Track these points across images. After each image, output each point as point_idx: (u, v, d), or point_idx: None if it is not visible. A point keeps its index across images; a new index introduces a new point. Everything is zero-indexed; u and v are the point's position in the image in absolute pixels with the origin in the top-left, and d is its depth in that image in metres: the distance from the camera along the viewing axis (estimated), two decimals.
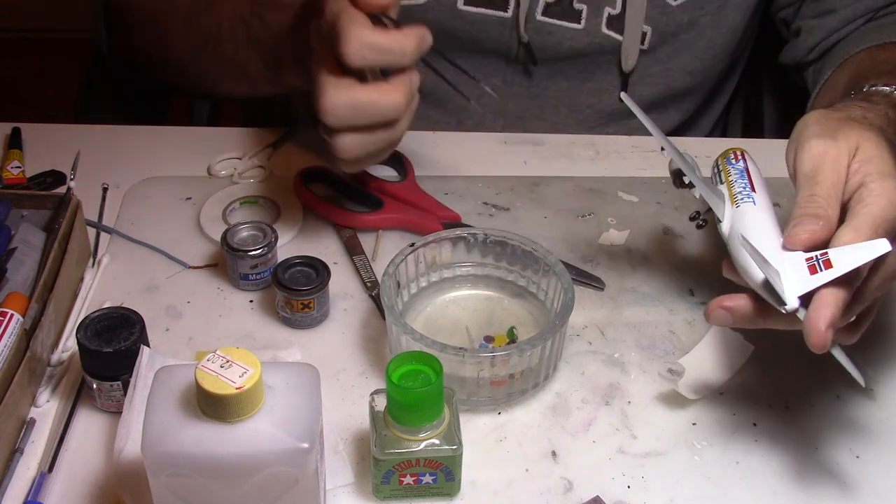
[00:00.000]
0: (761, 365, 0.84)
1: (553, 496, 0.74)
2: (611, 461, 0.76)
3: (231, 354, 0.61)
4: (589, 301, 0.89)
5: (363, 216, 0.95)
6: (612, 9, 1.06)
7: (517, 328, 0.85)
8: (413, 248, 0.84)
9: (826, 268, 0.67)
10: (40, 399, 0.79)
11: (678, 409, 0.80)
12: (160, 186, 1.00)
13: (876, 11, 1.04)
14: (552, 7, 1.05)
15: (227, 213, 0.96)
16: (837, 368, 0.84)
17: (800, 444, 0.78)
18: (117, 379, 0.76)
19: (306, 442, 0.62)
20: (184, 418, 0.61)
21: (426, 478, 0.71)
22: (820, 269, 0.67)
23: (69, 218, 0.86)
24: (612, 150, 1.08)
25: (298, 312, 0.85)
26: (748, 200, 0.77)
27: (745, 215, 0.75)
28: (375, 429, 0.71)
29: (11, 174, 0.98)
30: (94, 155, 1.03)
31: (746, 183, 0.79)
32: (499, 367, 0.77)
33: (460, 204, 0.98)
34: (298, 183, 0.97)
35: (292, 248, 0.92)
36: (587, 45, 1.07)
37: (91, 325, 0.76)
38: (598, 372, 0.83)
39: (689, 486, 0.75)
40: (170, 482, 0.63)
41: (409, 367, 0.70)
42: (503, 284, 0.88)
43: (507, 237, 0.85)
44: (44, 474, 0.73)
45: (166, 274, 0.91)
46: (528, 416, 0.80)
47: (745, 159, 0.81)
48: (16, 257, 0.85)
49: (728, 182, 0.80)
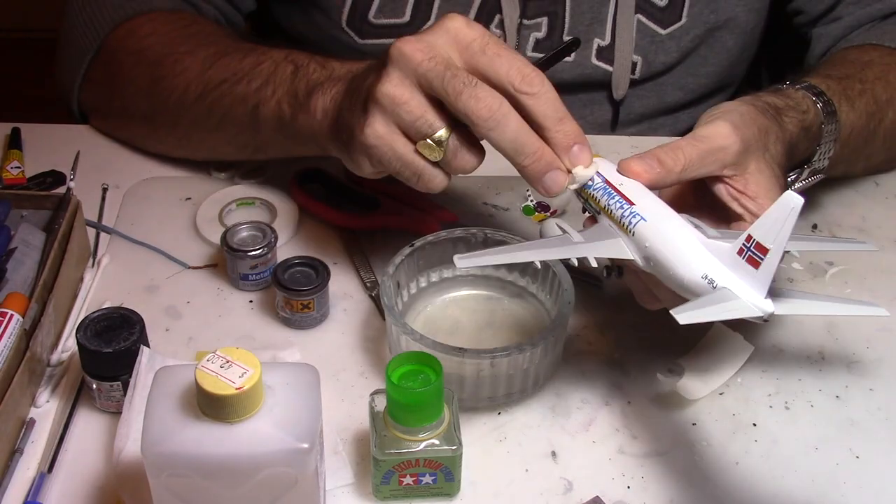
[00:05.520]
0: (761, 365, 0.84)
1: (553, 496, 0.74)
2: (611, 461, 0.76)
3: (231, 355, 0.61)
4: (589, 301, 0.89)
5: (358, 217, 0.94)
6: (601, 40, 1.06)
7: (517, 328, 0.85)
8: (413, 248, 0.84)
9: (762, 253, 0.63)
10: (40, 399, 0.79)
11: (678, 409, 0.80)
12: (160, 186, 1.00)
13: (882, 19, 1.04)
14: (543, 42, 1.05)
15: (224, 214, 0.96)
16: (837, 368, 0.84)
17: (800, 444, 0.78)
18: (117, 379, 0.76)
19: (306, 442, 0.62)
20: (184, 418, 0.61)
21: (426, 478, 0.71)
22: (759, 259, 0.63)
23: (69, 218, 0.86)
24: (613, 150, 1.08)
25: (298, 313, 0.85)
26: (637, 220, 0.71)
27: (646, 240, 0.70)
28: (375, 429, 0.71)
29: (11, 174, 0.98)
30: (94, 155, 1.03)
31: (618, 199, 0.72)
32: (499, 367, 0.77)
33: (460, 204, 0.98)
34: (294, 184, 0.97)
35: (292, 249, 0.92)
36: (577, 77, 1.07)
37: (91, 326, 0.76)
38: (598, 372, 0.83)
39: (689, 486, 0.75)
40: (169, 482, 0.63)
41: (408, 367, 0.70)
42: (503, 285, 0.88)
43: (506, 237, 0.85)
44: (43, 474, 0.73)
45: (166, 274, 0.90)
46: (528, 416, 0.80)
47: (597, 172, 0.75)
48: (15, 257, 0.85)
49: (603, 209, 0.73)
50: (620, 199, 0.72)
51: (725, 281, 0.65)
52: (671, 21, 1.06)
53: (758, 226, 0.63)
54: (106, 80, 1.02)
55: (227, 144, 0.97)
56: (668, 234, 0.70)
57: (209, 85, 0.93)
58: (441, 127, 0.74)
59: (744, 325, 0.84)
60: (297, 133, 0.87)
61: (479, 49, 0.74)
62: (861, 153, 0.95)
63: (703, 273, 0.66)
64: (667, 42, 1.07)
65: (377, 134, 0.75)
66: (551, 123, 0.73)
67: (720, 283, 0.65)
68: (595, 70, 1.07)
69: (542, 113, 0.73)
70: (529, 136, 0.73)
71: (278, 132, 0.89)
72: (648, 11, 1.05)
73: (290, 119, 0.87)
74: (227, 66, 0.93)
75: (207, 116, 0.94)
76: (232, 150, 0.98)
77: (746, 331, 0.82)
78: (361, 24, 1.05)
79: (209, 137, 0.97)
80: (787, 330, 0.87)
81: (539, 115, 0.73)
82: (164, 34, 0.99)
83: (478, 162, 0.77)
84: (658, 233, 0.70)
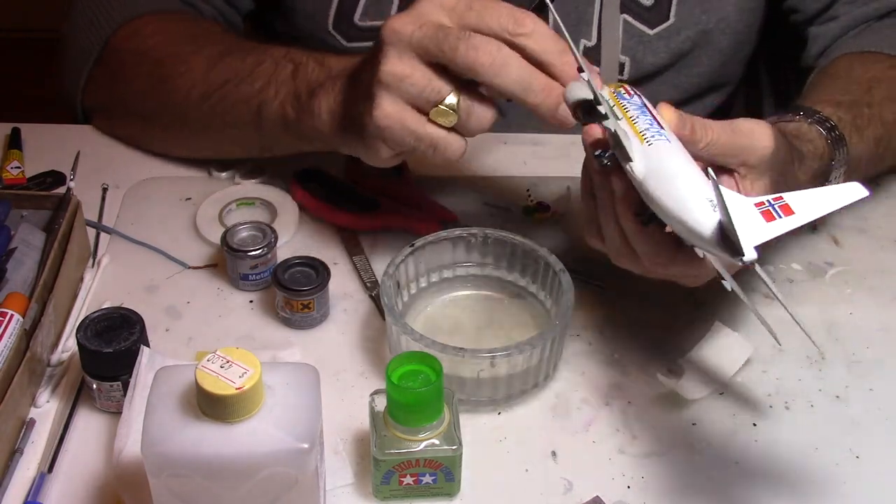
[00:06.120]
0: (761, 365, 0.84)
1: (553, 496, 0.74)
2: (611, 461, 0.76)
3: (231, 355, 0.61)
4: (589, 301, 0.89)
5: (358, 217, 0.94)
6: (587, 41, 1.05)
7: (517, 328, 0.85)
8: (413, 248, 0.84)
9: (786, 213, 0.61)
10: (40, 399, 0.79)
11: (678, 409, 0.80)
12: (160, 186, 1.00)
13: (878, 19, 1.04)
14: None
15: (224, 214, 0.96)
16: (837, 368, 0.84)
17: (800, 444, 0.78)
18: (117, 379, 0.76)
19: (306, 442, 0.62)
20: (184, 418, 0.61)
21: (426, 478, 0.71)
22: (778, 216, 0.61)
23: (69, 218, 0.86)
24: None
25: (298, 313, 0.85)
26: (660, 138, 0.67)
27: (662, 154, 0.66)
28: (375, 429, 0.71)
29: (11, 174, 0.98)
30: (94, 155, 1.03)
31: (651, 119, 0.69)
32: (499, 367, 0.77)
33: (460, 204, 0.98)
34: (294, 184, 0.97)
35: (292, 249, 0.92)
36: None
37: (91, 326, 0.76)
38: (598, 372, 0.83)
39: (689, 486, 0.75)
40: (169, 482, 0.63)
41: (409, 368, 0.70)
42: (503, 285, 0.88)
43: (507, 237, 0.85)
44: (43, 475, 0.73)
45: (166, 274, 0.90)
46: (528, 416, 0.80)
47: (639, 95, 0.72)
48: (15, 257, 0.85)
49: (628, 118, 0.70)
50: (652, 120, 0.70)
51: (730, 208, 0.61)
52: (658, 21, 1.05)
53: (796, 194, 0.61)
54: (109, 81, 1.02)
55: (231, 144, 0.97)
56: (686, 159, 0.67)
57: (212, 85, 0.93)
58: (449, 91, 0.75)
59: (744, 326, 0.84)
60: (302, 134, 0.88)
61: (466, 7, 0.74)
62: (868, 175, 0.96)
63: (710, 197, 0.63)
64: (655, 42, 1.06)
65: (385, 113, 0.75)
66: (553, 58, 0.73)
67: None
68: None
69: (541, 49, 0.73)
70: (534, 73, 0.73)
71: (284, 132, 0.90)
72: (634, 11, 1.05)
73: (294, 121, 0.87)
74: (230, 66, 0.93)
75: (211, 117, 0.94)
76: (237, 149, 0.98)
77: (746, 331, 0.82)
78: (348, 28, 1.05)
79: (214, 137, 0.97)
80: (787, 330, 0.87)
81: (539, 52, 0.73)
82: (168, 34, 0.99)
83: (493, 117, 0.77)
84: (677, 154, 0.67)
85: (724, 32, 1.08)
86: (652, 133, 0.68)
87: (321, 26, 1.05)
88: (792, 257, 0.94)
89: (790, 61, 1.15)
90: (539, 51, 0.73)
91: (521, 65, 0.73)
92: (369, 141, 0.78)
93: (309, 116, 0.85)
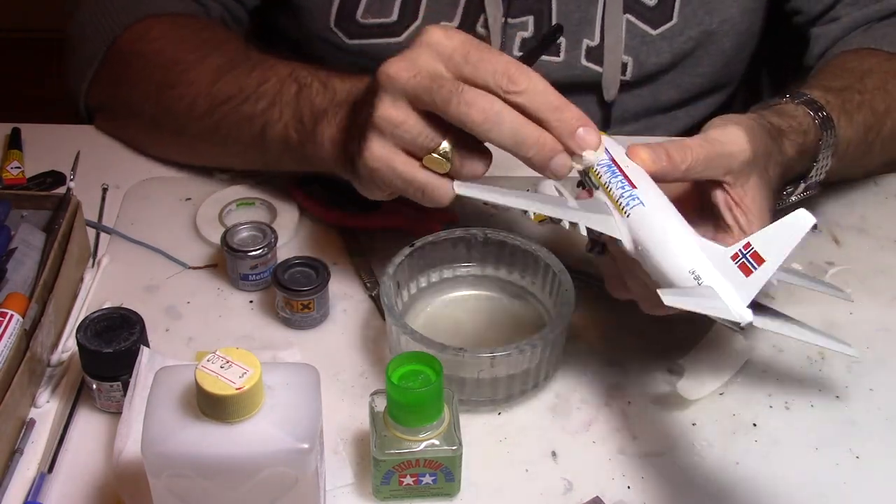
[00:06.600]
0: (761, 365, 0.84)
1: (553, 496, 0.74)
2: (611, 461, 0.76)
3: (231, 355, 0.61)
4: (589, 301, 0.89)
5: (358, 217, 0.94)
6: (590, 40, 1.05)
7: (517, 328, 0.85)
8: (413, 248, 0.84)
9: (758, 262, 0.62)
10: (40, 399, 0.79)
11: (678, 409, 0.80)
12: (160, 186, 1.00)
13: (879, 20, 1.04)
14: (529, 41, 1.04)
15: (224, 214, 0.96)
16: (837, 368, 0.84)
17: (800, 444, 0.78)
18: (117, 379, 0.76)
19: (306, 442, 0.62)
20: (184, 419, 0.61)
21: (426, 478, 0.71)
22: (753, 267, 0.62)
23: (69, 218, 0.86)
24: None
25: (298, 313, 0.85)
26: (635, 203, 0.70)
27: (642, 223, 0.69)
28: (375, 429, 0.71)
29: (11, 174, 0.98)
30: (94, 155, 1.03)
31: (621, 179, 0.71)
32: (499, 368, 0.77)
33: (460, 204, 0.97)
34: (294, 184, 0.97)
35: (292, 249, 0.92)
36: (567, 78, 1.06)
37: (91, 326, 0.76)
38: (598, 372, 0.83)
39: (689, 486, 0.75)
40: (170, 482, 0.63)
41: (409, 368, 0.70)
42: (503, 285, 0.88)
43: (507, 237, 0.85)
44: (43, 475, 0.73)
45: (166, 274, 0.90)
46: (528, 416, 0.80)
47: (606, 149, 0.73)
48: (16, 258, 0.85)
49: (603, 186, 0.73)
50: (623, 180, 0.72)
51: (712, 280, 0.65)
52: (662, 21, 1.05)
53: (760, 235, 0.63)
54: (114, 82, 1.02)
55: (233, 157, 0.97)
56: (664, 224, 0.69)
57: (216, 101, 0.93)
58: (443, 139, 0.75)
59: None
60: (304, 158, 0.88)
61: (462, 59, 0.74)
62: (858, 164, 0.96)
63: (692, 268, 0.66)
64: (658, 42, 1.06)
65: (375, 156, 0.76)
66: (548, 115, 0.73)
67: (706, 281, 0.65)
68: (585, 71, 1.07)
69: (535, 108, 0.73)
70: (527, 127, 0.73)
71: (286, 154, 0.90)
72: (638, 11, 1.05)
73: (297, 145, 0.88)
74: (234, 82, 0.92)
75: (214, 132, 0.94)
76: (239, 162, 0.98)
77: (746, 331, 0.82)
78: (349, 25, 1.05)
79: (215, 150, 0.97)
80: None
81: (534, 111, 0.73)
82: (174, 38, 0.99)
83: (486, 164, 0.78)
84: (654, 220, 0.69)
85: (727, 33, 1.08)
86: (626, 200, 0.70)
87: (323, 23, 1.05)
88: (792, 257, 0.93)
89: (791, 62, 1.15)
90: (533, 109, 0.73)
91: (513, 119, 0.73)
92: (362, 180, 0.80)
93: (312, 143, 0.86)
